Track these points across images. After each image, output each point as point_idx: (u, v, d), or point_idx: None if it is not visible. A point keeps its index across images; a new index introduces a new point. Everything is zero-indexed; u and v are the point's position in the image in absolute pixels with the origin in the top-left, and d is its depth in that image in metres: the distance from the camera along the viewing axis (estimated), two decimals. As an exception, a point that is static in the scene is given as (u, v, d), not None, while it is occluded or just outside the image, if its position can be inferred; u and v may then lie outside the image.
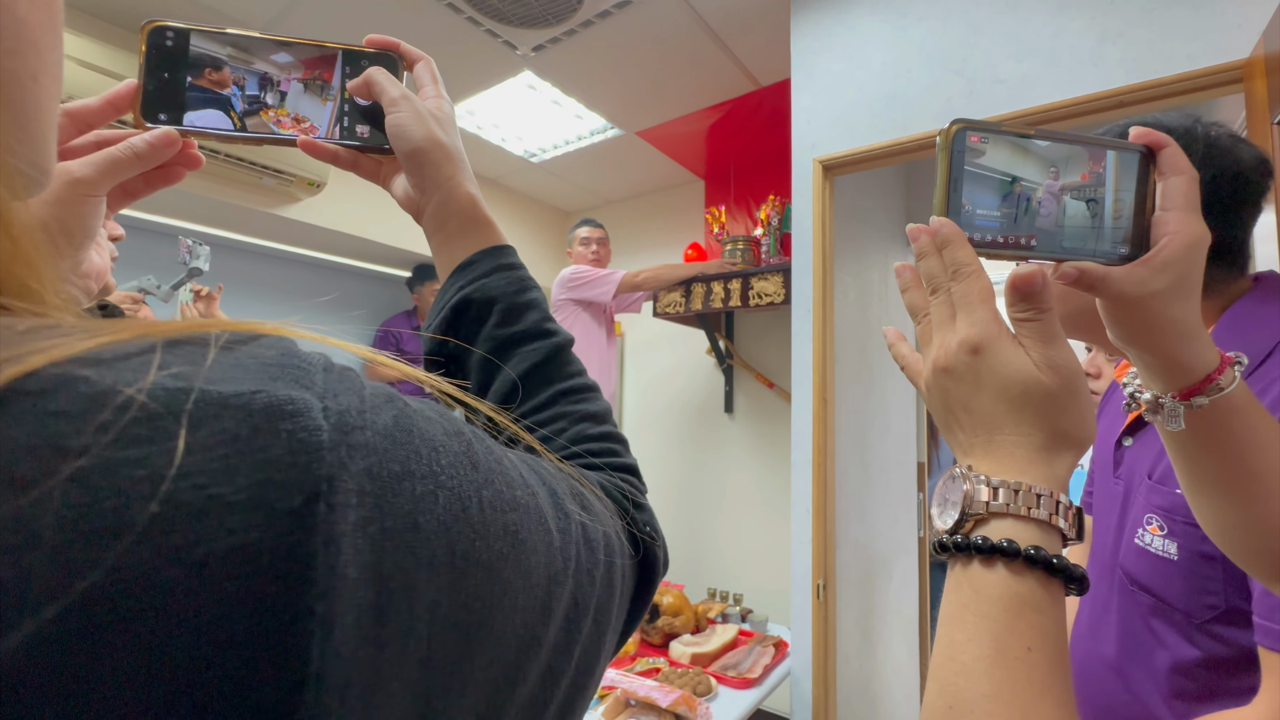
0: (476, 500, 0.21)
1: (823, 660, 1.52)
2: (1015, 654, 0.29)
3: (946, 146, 0.35)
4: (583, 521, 0.29)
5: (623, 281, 2.30)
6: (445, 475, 0.20)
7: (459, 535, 0.20)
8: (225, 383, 0.16)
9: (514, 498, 0.23)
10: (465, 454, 0.21)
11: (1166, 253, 0.35)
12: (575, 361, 0.44)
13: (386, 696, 0.17)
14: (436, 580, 0.19)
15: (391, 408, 0.20)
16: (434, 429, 0.21)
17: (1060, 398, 0.33)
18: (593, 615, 0.28)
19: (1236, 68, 1.10)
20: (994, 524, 0.32)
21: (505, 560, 0.22)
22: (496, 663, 0.22)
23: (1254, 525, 0.41)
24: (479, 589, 0.20)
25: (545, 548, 0.25)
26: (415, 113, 0.43)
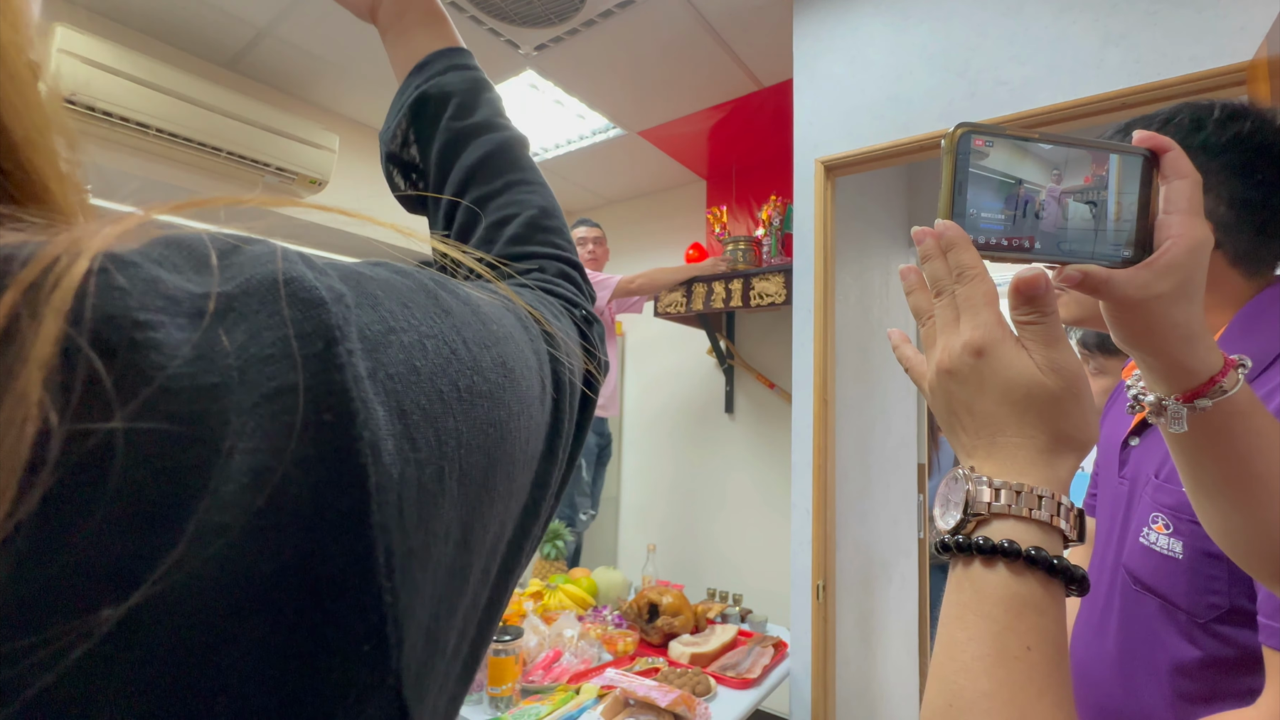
0: (461, 341, 0.22)
1: (822, 661, 1.52)
2: (1015, 653, 0.29)
3: (951, 150, 0.36)
4: (550, 349, 0.31)
5: (618, 287, 2.30)
6: (425, 326, 0.21)
7: (457, 373, 0.21)
8: (229, 282, 0.17)
9: (493, 333, 0.25)
10: (434, 305, 0.23)
11: (1169, 256, 0.35)
12: (527, 157, 0.45)
13: (436, 509, 0.19)
14: (451, 412, 0.20)
15: (351, 277, 0.21)
16: (397, 289, 0.22)
17: (1063, 400, 0.33)
18: (565, 433, 0.31)
19: (1240, 70, 1.10)
20: (995, 525, 0.32)
21: (503, 389, 0.24)
22: (510, 476, 0.24)
23: (1257, 528, 0.41)
24: (489, 415, 0.22)
25: (528, 372, 0.27)
26: None
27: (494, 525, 0.24)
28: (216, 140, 1.99)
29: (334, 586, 0.16)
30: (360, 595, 0.16)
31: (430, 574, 0.19)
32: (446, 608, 0.21)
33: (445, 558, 0.20)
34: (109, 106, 1.76)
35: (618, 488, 3.13)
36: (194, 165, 2.06)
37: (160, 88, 1.85)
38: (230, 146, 2.02)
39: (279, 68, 2.18)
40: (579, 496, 2.31)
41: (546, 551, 2.08)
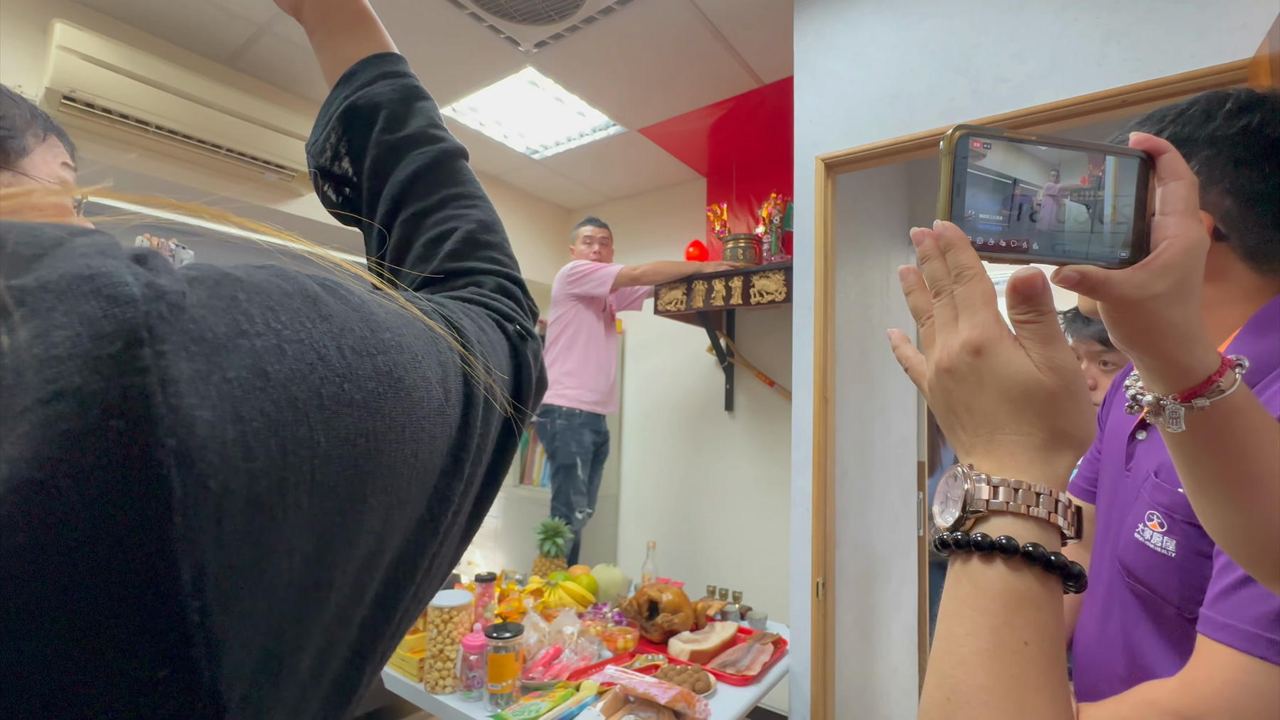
0: (335, 348, 0.21)
1: (821, 658, 1.52)
2: (1012, 648, 0.30)
3: (950, 152, 0.36)
4: (463, 363, 0.30)
5: (620, 275, 2.30)
6: (290, 331, 0.20)
7: (322, 380, 0.20)
8: (30, 275, 0.16)
9: (381, 341, 0.24)
10: (311, 310, 0.22)
11: (1166, 256, 0.36)
12: (466, 170, 0.44)
13: (274, 523, 0.18)
14: (307, 420, 0.19)
15: (210, 278, 0.20)
16: (266, 290, 0.21)
17: (1060, 398, 0.33)
18: (472, 448, 0.30)
19: (1241, 67, 1.10)
20: (994, 521, 0.33)
21: (382, 398, 0.23)
22: (389, 489, 0.23)
23: (1255, 527, 0.41)
24: (360, 426, 0.21)
25: (425, 384, 0.26)
26: None
27: (366, 540, 0.22)
28: (216, 137, 1.98)
29: (121, 606, 0.15)
30: (154, 616, 0.15)
31: (266, 591, 0.18)
32: (295, 627, 0.20)
33: (290, 574, 0.19)
34: (108, 103, 1.76)
35: (617, 485, 3.13)
36: (193, 162, 2.05)
37: (160, 84, 1.85)
38: (230, 143, 2.02)
39: (278, 64, 2.18)
40: (575, 495, 2.31)
41: (546, 549, 2.08)
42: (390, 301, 0.28)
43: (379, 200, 0.42)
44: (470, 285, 0.40)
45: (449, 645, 1.37)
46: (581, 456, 2.32)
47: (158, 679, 0.15)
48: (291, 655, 0.20)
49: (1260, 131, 0.55)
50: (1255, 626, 0.48)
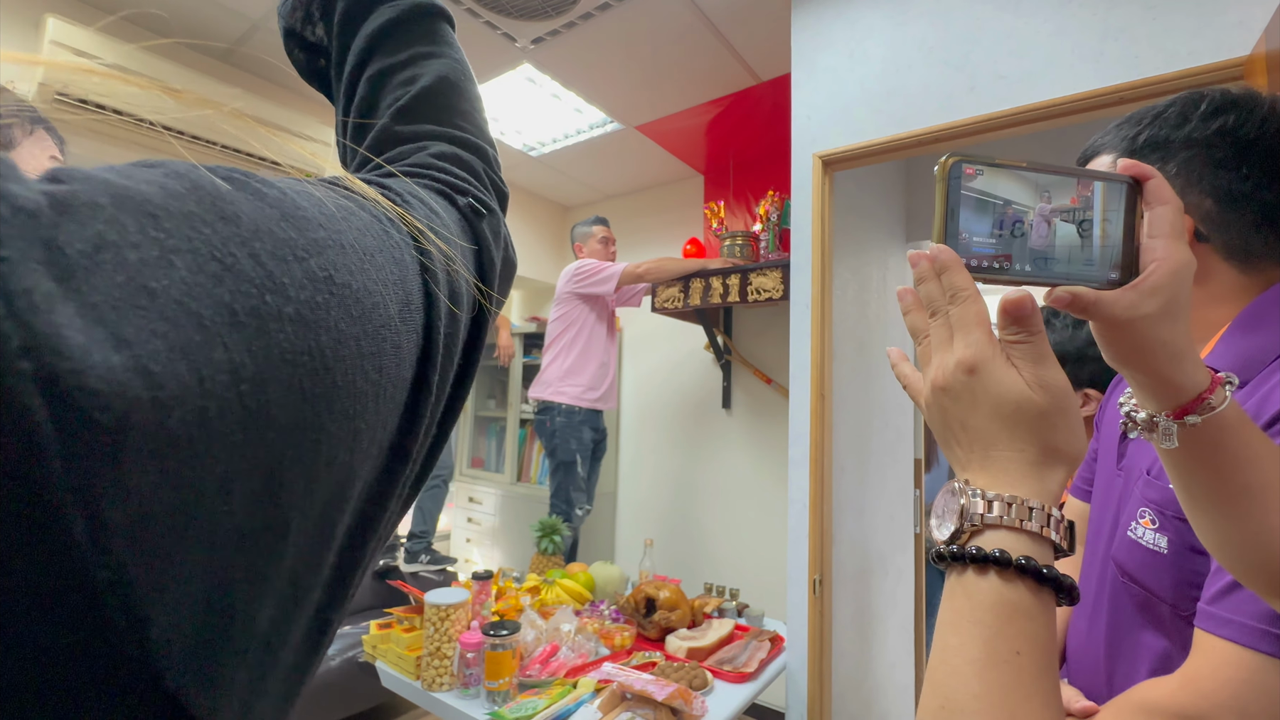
0: (246, 254, 0.18)
1: (818, 655, 1.52)
2: (1004, 657, 0.31)
3: (943, 177, 0.38)
4: (417, 255, 0.27)
5: (624, 273, 2.30)
6: (174, 239, 0.17)
7: (232, 293, 0.17)
8: None
9: (313, 241, 0.21)
10: (210, 212, 0.18)
11: (1155, 278, 0.37)
12: (444, 31, 0.40)
13: (198, 459, 0.16)
14: (221, 340, 0.17)
15: (73, 184, 0.17)
16: (144, 195, 0.17)
17: (1051, 415, 0.34)
18: (435, 356, 0.27)
19: (1237, 65, 1.10)
20: (988, 535, 0.34)
21: (324, 308, 0.20)
22: (351, 413, 0.21)
23: (1250, 541, 0.42)
24: (298, 342, 0.19)
25: (380, 287, 0.23)
26: None
27: (331, 472, 0.20)
28: (211, 134, 1.97)
29: (7, 569, 0.13)
30: (50, 577, 0.13)
31: (200, 539, 0.16)
32: (246, 574, 0.18)
33: (232, 518, 0.17)
34: (101, 99, 1.75)
35: (615, 483, 3.13)
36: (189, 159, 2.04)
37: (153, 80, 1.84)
38: (225, 140, 2.01)
39: (274, 60, 2.17)
40: (575, 492, 2.31)
41: (544, 546, 2.08)
42: (331, 190, 0.24)
43: (346, 55, 0.38)
44: (418, 152, 0.36)
45: (446, 643, 1.37)
46: (581, 454, 2.32)
47: (70, 645, 0.14)
48: (247, 607, 0.18)
49: (1235, 132, 0.55)
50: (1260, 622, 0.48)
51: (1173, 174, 0.56)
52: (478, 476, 3.38)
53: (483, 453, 3.50)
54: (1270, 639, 0.48)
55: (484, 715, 1.25)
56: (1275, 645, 0.48)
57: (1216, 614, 0.51)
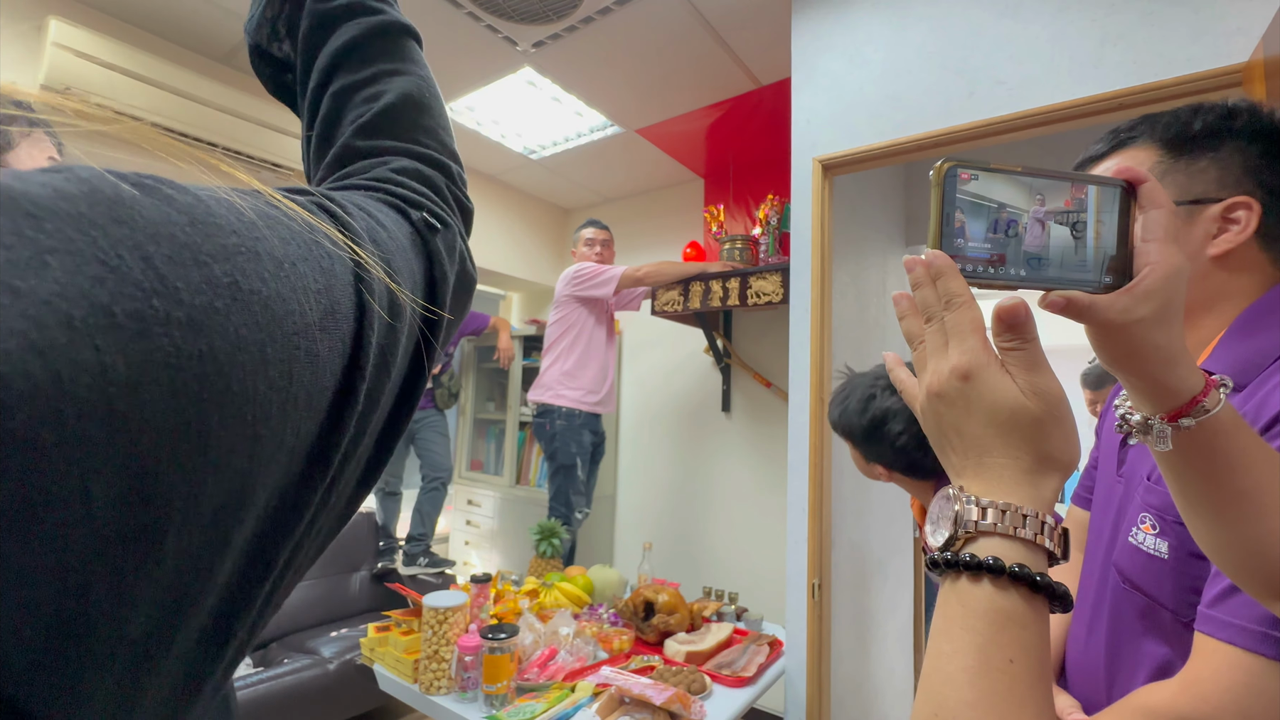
0: (138, 257, 0.18)
1: (817, 660, 1.52)
2: (998, 665, 0.31)
3: (939, 183, 0.38)
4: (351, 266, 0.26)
5: (624, 276, 2.30)
6: (53, 240, 0.17)
7: (114, 295, 0.17)
8: None
9: (220, 247, 0.21)
10: (101, 216, 0.18)
11: (1148, 282, 0.37)
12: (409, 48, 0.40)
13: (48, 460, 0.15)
14: (91, 341, 0.16)
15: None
16: (30, 196, 0.17)
17: (1045, 423, 0.34)
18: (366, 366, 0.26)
19: (1236, 71, 1.10)
20: (982, 542, 0.34)
21: (222, 314, 0.20)
22: (252, 418, 0.20)
23: (1246, 545, 0.42)
24: (187, 346, 0.18)
25: (295, 294, 0.23)
26: None
27: (221, 477, 0.20)
28: (212, 135, 1.98)
29: None
30: None
31: (48, 542, 0.15)
32: (109, 581, 0.17)
33: (90, 520, 0.16)
34: (103, 101, 1.75)
35: (614, 486, 3.13)
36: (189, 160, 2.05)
37: (155, 81, 1.84)
38: (225, 142, 2.01)
39: (275, 63, 2.17)
40: (574, 495, 2.31)
41: (542, 550, 2.07)
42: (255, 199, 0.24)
43: (310, 73, 0.38)
44: (378, 166, 0.36)
45: (444, 646, 1.36)
46: (581, 457, 2.32)
47: None
48: (110, 612, 0.17)
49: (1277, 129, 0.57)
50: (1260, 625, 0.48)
51: (1229, 160, 0.58)
52: (476, 479, 3.38)
53: (482, 455, 3.50)
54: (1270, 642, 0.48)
55: (482, 719, 1.25)
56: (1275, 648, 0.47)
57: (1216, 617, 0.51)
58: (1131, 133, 0.62)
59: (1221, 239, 0.57)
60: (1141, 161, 0.60)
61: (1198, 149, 0.58)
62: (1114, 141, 0.63)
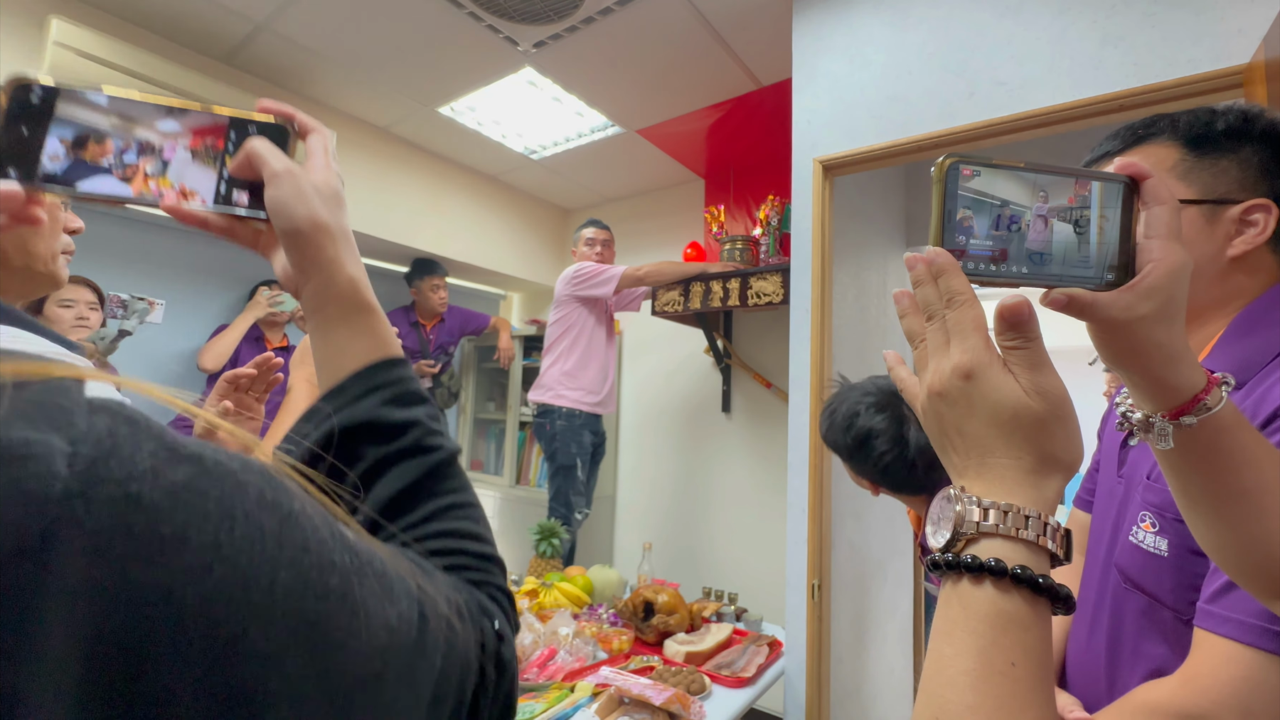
0: (268, 582, 0.20)
1: (816, 660, 1.52)
2: (1000, 668, 0.30)
3: (940, 180, 0.37)
4: (422, 634, 0.27)
5: (624, 276, 2.30)
6: (231, 549, 0.18)
7: (229, 617, 0.18)
8: None
9: (325, 586, 0.22)
10: (275, 531, 0.20)
11: (1151, 279, 0.37)
12: (458, 476, 0.41)
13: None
14: (188, 657, 0.18)
15: (191, 466, 0.18)
16: (242, 497, 0.19)
17: (1048, 423, 0.34)
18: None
19: (1237, 72, 1.10)
20: (984, 543, 0.33)
21: (290, 652, 0.20)
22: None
23: (1247, 543, 0.42)
24: (252, 678, 0.19)
25: (360, 646, 0.24)
26: (297, 189, 0.40)
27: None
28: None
29: None
30: None
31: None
32: None
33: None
34: (104, 100, 1.75)
35: (614, 486, 3.13)
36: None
37: (156, 81, 1.84)
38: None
39: (276, 62, 2.17)
40: (574, 496, 2.31)
41: (543, 550, 2.07)
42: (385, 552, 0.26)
43: (358, 513, 0.39)
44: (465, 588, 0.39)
45: (443, 646, 1.36)
46: (581, 457, 2.32)
47: None
48: None
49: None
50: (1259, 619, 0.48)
51: (1249, 161, 0.58)
52: (477, 479, 3.38)
53: (482, 455, 3.50)
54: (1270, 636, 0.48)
55: (481, 719, 1.25)
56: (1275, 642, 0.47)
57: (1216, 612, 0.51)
58: (1150, 129, 0.62)
59: (1240, 240, 0.57)
60: (1162, 159, 0.60)
61: (1220, 149, 0.58)
62: (1131, 138, 0.63)
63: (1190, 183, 0.59)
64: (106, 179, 0.38)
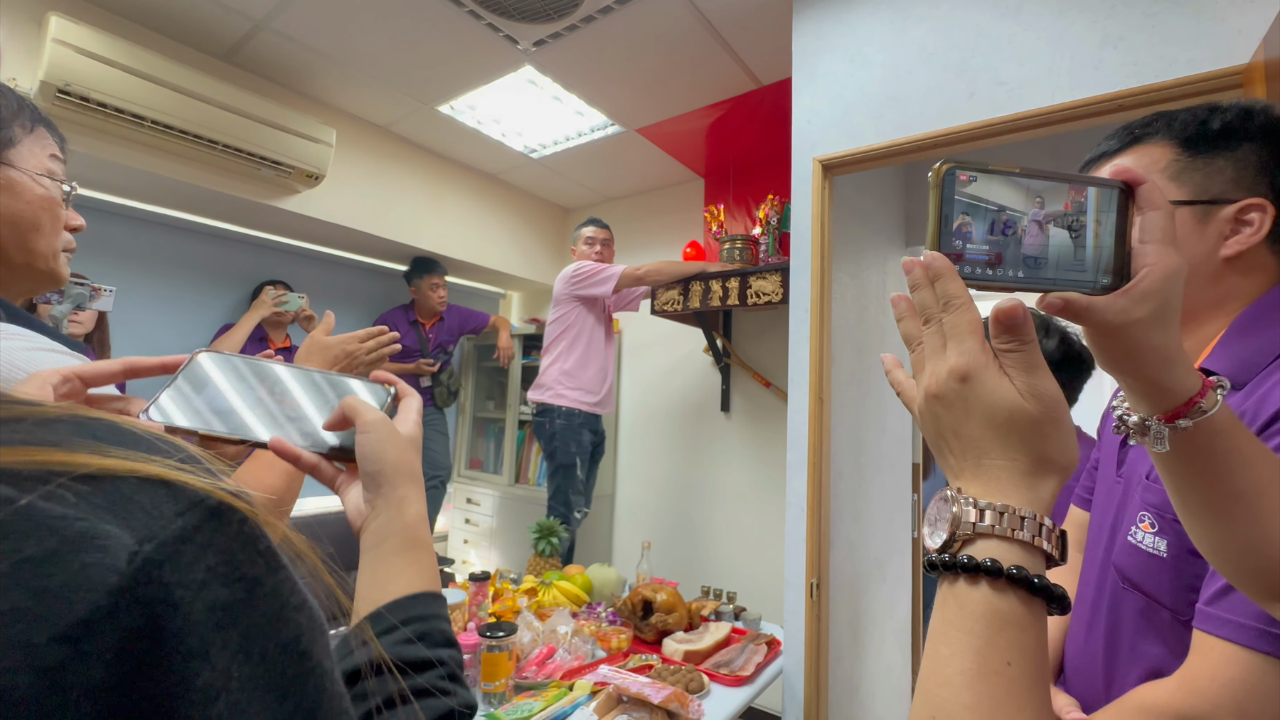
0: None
1: (815, 659, 1.52)
2: (995, 668, 0.31)
3: (937, 185, 0.37)
4: None
5: (624, 275, 2.30)
6: (239, 685, 0.19)
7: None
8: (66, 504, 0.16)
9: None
10: (279, 680, 0.20)
11: (1146, 283, 0.37)
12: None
13: None
14: None
15: (241, 588, 0.19)
16: (271, 639, 0.20)
17: (1043, 424, 0.34)
18: None
19: (1236, 73, 1.10)
20: (980, 544, 0.34)
21: None
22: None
23: (1244, 546, 0.42)
24: None
25: None
26: (389, 435, 0.45)
27: None
28: (212, 133, 1.98)
29: None
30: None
31: None
32: None
33: None
34: (103, 98, 1.75)
35: (613, 485, 3.13)
36: (189, 158, 2.05)
37: (156, 79, 1.84)
38: (226, 139, 2.01)
39: (276, 60, 2.17)
40: (573, 495, 2.31)
41: (541, 548, 2.07)
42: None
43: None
44: None
45: (442, 644, 1.36)
46: (580, 456, 2.32)
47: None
48: None
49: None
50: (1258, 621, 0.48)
51: (1246, 160, 0.57)
52: (476, 478, 3.38)
53: (481, 454, 3.50)
54: (1268, 638, 0.48)
55: (480, 717, 1.25)
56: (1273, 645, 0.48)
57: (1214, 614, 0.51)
58: (1146, 129, 0.62)
59: (1234, 240, 0.57)
60: (1156, 159, 0.60)
61: (1215, 148, 0.58)
62: (1128, 138, 0.63)
63: (1182, 183, 0.58)
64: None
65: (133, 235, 2.33)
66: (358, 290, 3.10)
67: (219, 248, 2.56)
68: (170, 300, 2.42)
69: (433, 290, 2.93)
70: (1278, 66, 0.95)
